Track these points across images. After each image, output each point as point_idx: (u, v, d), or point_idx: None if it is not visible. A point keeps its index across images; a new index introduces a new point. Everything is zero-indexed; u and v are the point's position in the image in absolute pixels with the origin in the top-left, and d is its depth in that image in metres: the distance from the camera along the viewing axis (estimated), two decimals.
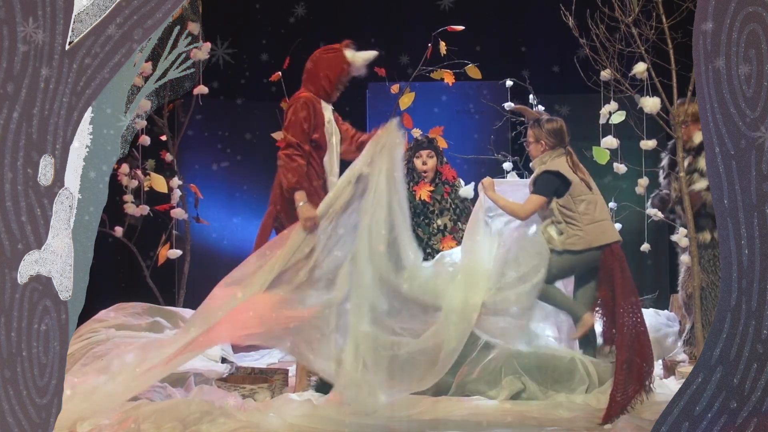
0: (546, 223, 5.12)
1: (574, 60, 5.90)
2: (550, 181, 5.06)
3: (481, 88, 7.73)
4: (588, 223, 5.00)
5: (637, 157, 5.72)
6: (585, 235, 5.00)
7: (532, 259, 5.01)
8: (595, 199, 5.08)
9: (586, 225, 5.00)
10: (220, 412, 4.06)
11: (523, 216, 5.10)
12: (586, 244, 4.99)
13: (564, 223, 5.04)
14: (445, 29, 6.34)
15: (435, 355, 4.60)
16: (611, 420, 4.21)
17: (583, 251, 4.99)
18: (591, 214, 5.02)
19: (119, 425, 3.86)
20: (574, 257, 5.02)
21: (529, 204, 5.07)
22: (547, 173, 5.09)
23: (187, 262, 6.94)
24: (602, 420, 4.25)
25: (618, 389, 4.35)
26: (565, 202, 5.04)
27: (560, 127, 5.19)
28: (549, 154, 5.15)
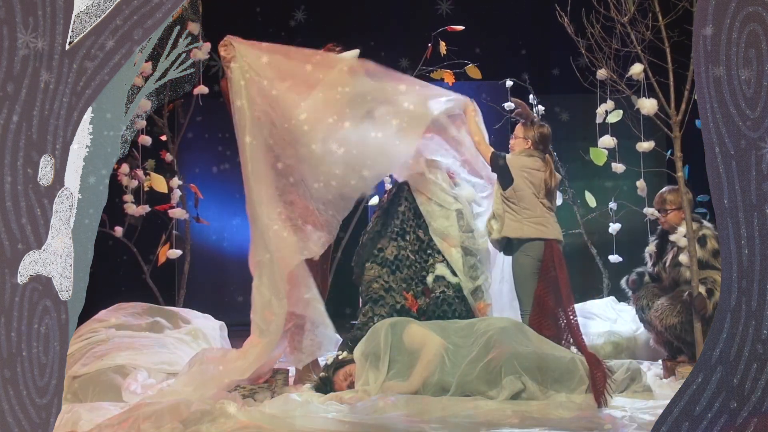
0: (488, 218, 5.53)
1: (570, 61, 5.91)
2: (500, 157, 5.47)
3: (481, 88, 7.73)
4: (527, 218, 5.38)
5: (635, 156, 5.72)
6: (522, 226, 5.39)
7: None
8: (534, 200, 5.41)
9: (525, 219, 5.38)
10: (220, 412, 4.06)
11: (484, 151, 5.53)
12: (522, 233, 5.39)
13: (502, 212, 5.43)
14: (445, 29, 6.35)
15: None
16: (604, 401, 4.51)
17: (522, 240, 5.37)
18: (532, 210, 5.40)
19: (119, 425, 3.86)
20: (527, 258, 5.37)
21: (485, 150, 5.53)
22: (502, 154, 5.51)
23: (187, 262, 6.94)
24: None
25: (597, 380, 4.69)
26: (509, 194, 5.41)
27: (549, 134, 5.57)
28: (524, 152, 5.50)
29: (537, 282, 5.34)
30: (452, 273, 5.39)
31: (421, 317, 5.28)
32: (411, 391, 4.73)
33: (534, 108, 6.67)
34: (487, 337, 4.90)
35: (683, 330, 5.36)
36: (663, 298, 5.52)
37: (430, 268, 5.42)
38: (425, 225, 5.49)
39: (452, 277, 5.38)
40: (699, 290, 5.22)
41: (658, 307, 5.48)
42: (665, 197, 5.62)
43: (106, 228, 6.27)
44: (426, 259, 5.44)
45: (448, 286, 5.37)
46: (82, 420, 4.09)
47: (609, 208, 6.39)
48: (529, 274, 5.36)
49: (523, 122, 5.61)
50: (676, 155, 5.38)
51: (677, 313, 5.38)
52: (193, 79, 6.17)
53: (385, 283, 5.44)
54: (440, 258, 5.42)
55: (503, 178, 5.45)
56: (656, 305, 5.51)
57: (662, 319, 5.44)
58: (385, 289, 5.44)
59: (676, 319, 5.38)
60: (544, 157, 5.52)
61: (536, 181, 5.43)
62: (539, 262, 5.35)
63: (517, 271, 5.41)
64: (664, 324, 5.43)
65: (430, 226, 5.48)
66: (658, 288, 5.65)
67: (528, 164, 5.45)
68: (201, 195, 6.98)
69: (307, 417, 4.21)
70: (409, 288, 5.40)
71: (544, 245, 5.36)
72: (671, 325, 5.40)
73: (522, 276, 5.38)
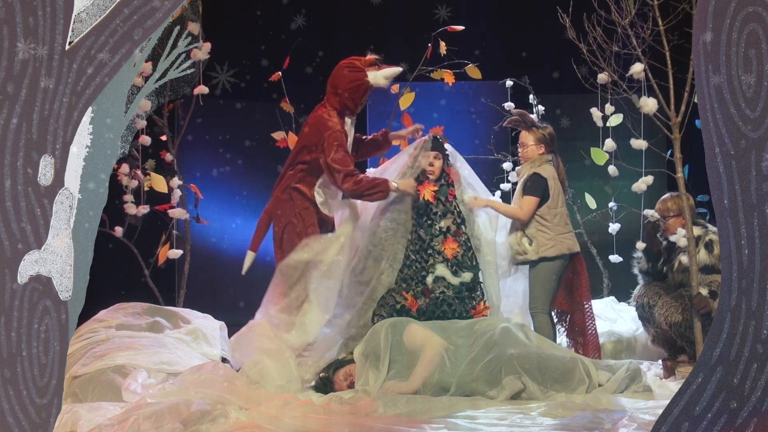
0: (516, 236, 5.48)
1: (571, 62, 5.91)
2: (539, 183, 5.44)
3: (481, 88, 7.73)
4: (559, 234, 5.43)
5: (636, 157, 5.72)
6: (556, 243, 5.42)
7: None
8: (565, 213, 5.52)
9: (558, 235, 5.43)
10: (220, 412, 4.06)
11: (524, 217, 5.45)
12: (558, 251, 5.43)
13: (535, 231, 5.43)
14: (445, 29, 6.35)
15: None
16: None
17: (554, 258, 5.42)
18: (561, 225, 5.45)
19: (119, 425, 3.86)
20: (556, 264, 5.44)
21: (526, 205, 5.45)
22: (537, 175, 5.45)
23: (187, 262, 6.93)
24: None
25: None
26: (542, 211, 5.44)
27: (553, 132, 5.64)
28: (539, 158, 5.52)
29: (558, 285, 5.49)
30: (452, 274, 5.39)
31: (421, 317, 5.28)
32: (411, 391, 4.73)
33: (534, 108, 6.67)
34: (487, 337, 4.91)
35: (687, 328, 5.36)
36: (667, 296, 5.53)
37: (430, 268, 5.41)
38: (426, 224, 5.48)
39: (452, 278, 5.38)
40: (700, 290, 5.23)
41: (663, 304, 5.49)
42: (667, 205, 5.62)
43: (106, 228, 6.27)
44: (426, 259, 5.44)
45: (448, 286, 5.37)
46: (82, 420, 4.08)
47: (609, 208, 6.39)
48: (552, 275, 5.44)
49: (526, 127, 5.61)
50: (676, 156, 5.39)
51: (682, 310, 5.39)
52: (193, 79, 6.17)
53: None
54: (440, 258, 5.42)
55: (544, 197, 5.47)
56: (661, 302, 5.51)
57: (667, 316, 5.45)
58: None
59: (681, 316, 5.39)
60: (557, 159, 5.59)
61: (558, 187, 5.50)
62: (564, 267, 5.49)
63: (544, 271, 5.45)
64: (669, 321, 5.43)
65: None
66: (661, 287, 5.65)
67: (552, 173, 5.51)
68: (201, 195, 6.98)
69: (307, 417, 4.20)
70: (409, 288, 5.40)
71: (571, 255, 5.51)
72: (676, 322, 5.41)
73: (543, 277, 5.44)
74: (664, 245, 5.70)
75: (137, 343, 5.19)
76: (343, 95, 5.52)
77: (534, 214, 5.44)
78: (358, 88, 5.51)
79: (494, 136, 7.39)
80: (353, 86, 5.51)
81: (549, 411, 4.37)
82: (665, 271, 5.69)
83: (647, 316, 5.64)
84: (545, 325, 5.41)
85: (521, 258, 5.50)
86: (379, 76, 5.51)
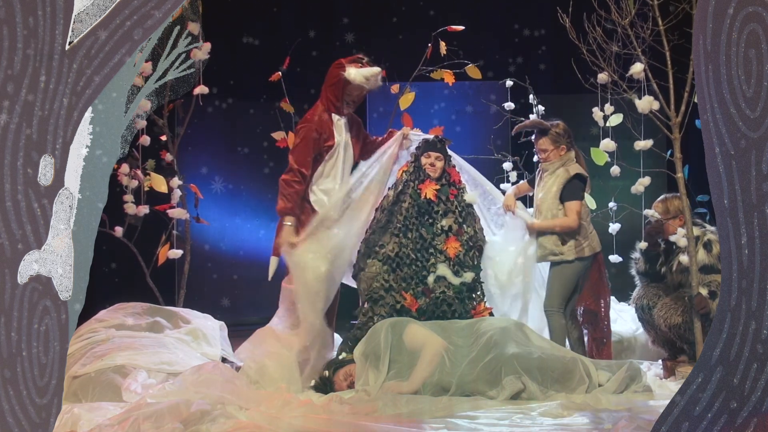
0: (550, 236, 5.46)
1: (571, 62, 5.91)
2: (581, 185, 5.49)
3: (481, 88, 7.73)
4: (590, 232, 5.49)
5: (636, 157, 5.72)
6: (590, 242, 5.47)
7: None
8: (587, 209, 5.55)
9: (589, 233, 5.48)
10: (220, 412, 4.06)
11: (575, 225, 5.44)
12: (591, 250, 5.47)
13: (573, 231, 5.43)
14: (445, 29, 6.35)
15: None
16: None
17: (587, 257, 5.46)
18: (587, 222, 5.50)
19: (119, 425, 3.86)
20: (582, 264, 5.46)
21: (571, 213, 5.45)
22: (577, 178, 5.49)
23: (187, 262, 6.92)
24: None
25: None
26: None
27: (566, 126, 5.61)
28: (562, 158, 5.54)
29: (577, 286, 5.51)
30: (454, 273, 5.39)
31: (421, 317, 5.28)
32: (411, 391, 4.73)
33: (534, 108, 6.66)
34: (487, 337, 4.91)
35: (687, 329, 5.36)
36: (666, 297, 5.52)
37: (431, 268, 5.41)
38: (428, 223, 5.48)
39: (453, 278, 5.37)
40: (700, 290, 5.23)
41: (662, 306, 5.49)
42: (667, 206, 5.62)
43: (106, 228, 6.27)
44: (427, 258, 5.43)
45: (448, 286, 5.37)
46: (82, 420, 4.08)
47: (609, 208, 6.39)
48: (575, 275, 5.46)
49: (540, 131, 5.60)
50: (676, 156, 5.39)
51: (681, 312, 5.39)
52: (193, 79, 6.16)
53: (385, 282, 5.44)
54: (442, 257, 5.42)
55: (582, 197, 5.52)
56: (660, 304, 5.51)
57: (666, 318, 5.44)
58: (385, 289, 5.43)
59: (680, 318, 5.38)
60: (578, 153, 5.63)
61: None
62: (590, 266, 5.51)
63: (572, 270, 5.46)
64: (668, 323, 5.43)
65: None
66: (660, 288, 5.65)
67: (582, 170, 5.55)
68: (201, 195, 6.98)
69: (307, 417, 4.20)
70: (409, 287, 5.39)
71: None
72: (675, 324, 5.40)
73: (566, 276, 5.44)
74: (662, 247, 5.70)
75: (137, 343, 5.19)
76: (326, 91, 5.63)
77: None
78: (337, 83, 5.58)
79: (494, 135, 7.39)
80: (332, 82, 5.61)
81: (549, 411, 4.37)
82: (663, 272, 5.68)
83: (647, 318, 5.64)
84: (559, 324, 5.37)
85: (556, 258, 5.45)
86: (356, 74, 5.56)
